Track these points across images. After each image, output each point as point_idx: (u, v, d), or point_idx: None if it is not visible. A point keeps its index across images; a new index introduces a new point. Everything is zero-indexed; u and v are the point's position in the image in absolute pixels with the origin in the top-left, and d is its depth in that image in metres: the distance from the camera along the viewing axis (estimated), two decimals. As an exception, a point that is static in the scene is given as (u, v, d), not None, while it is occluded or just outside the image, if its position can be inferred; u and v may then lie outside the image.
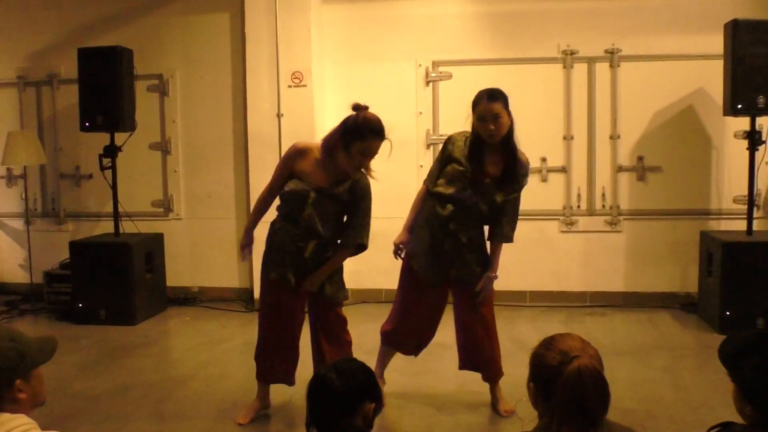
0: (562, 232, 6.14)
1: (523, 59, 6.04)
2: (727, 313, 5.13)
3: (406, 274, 3.83)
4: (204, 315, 6.11)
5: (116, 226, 6.08)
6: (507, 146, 3.60)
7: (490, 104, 3.51)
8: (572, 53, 6.02)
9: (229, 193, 6.48)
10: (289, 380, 3.79)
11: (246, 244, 3.82)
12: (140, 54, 6.11)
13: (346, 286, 3.77)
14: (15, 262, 6.91)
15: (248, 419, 3.75)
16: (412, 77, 6.22)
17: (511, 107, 3.60)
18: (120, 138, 5.98)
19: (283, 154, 6.02)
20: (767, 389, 1.82)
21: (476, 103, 3.57)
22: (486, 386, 3.89)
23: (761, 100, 5.10)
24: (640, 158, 6.01)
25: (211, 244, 6.56)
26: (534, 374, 1.89)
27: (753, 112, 5.19)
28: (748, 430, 1.86)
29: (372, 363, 3.34)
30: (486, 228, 3.77)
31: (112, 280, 5.79)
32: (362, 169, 3.52)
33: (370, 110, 3.49)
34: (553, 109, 6.06)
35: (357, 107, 3.47)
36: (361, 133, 3.38)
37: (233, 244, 6.47)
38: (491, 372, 3.84)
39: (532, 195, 6.10)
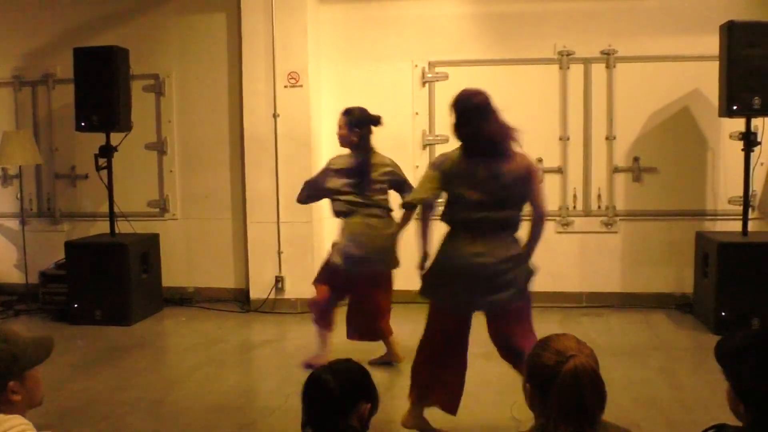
0: (558, 232, 6.14)
1: (519, 60, 6.05)
2: (723, 313, 5.14)
3: None
4: (200, 315, 6.11)
5: (112, 227, 6.07)
6: None
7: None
8: (568, 54, 6.02)
9: (225, 193, 6.47)
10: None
11: None
12: (136, 54, 6.10)
13: None
14: (10, 263, 6.88)
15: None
16: (408, 78, 6.22)
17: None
18: (116, 138, 5.96)
19: (279, 154, 6.08)
20: (761, 388, 1.82)
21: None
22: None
23: (756, 101, 5.11)
24: (636, 159, 6.02)
25: (207, 245, 6.54)
26: (530, 375, 1.89)
27: (748, 113, 5.20)
28: (741, 432, 1.87)
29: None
30: None
31: (108, 280, 5.77)
32: None
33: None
34: (549, 110, 6.06)
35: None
36: None
37: (229, 245, 6.47)
38: None
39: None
